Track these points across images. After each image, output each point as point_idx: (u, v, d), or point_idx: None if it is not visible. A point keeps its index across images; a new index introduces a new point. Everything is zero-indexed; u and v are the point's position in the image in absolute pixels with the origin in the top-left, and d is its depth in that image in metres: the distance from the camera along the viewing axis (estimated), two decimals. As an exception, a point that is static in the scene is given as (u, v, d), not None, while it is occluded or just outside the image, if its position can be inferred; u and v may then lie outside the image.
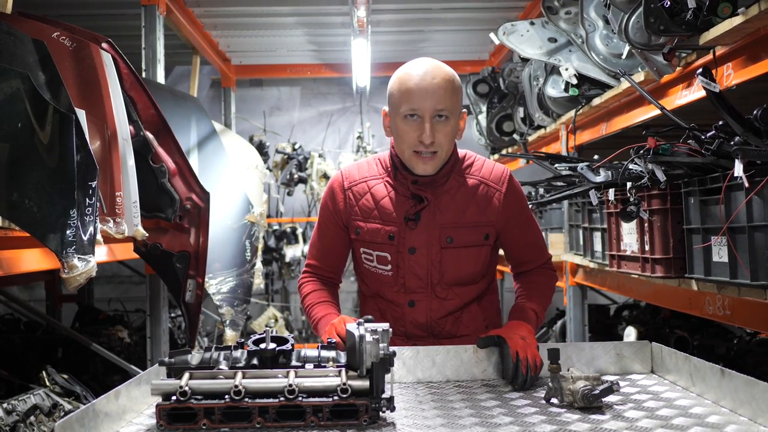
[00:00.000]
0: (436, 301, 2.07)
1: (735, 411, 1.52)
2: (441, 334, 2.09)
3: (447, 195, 2.05)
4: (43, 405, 2.94)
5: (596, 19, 3.15)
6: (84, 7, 5.15)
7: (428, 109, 1.94)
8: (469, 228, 2.04)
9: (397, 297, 2.08)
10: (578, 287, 4.15)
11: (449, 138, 1.99)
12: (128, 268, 6.67)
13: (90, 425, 1.38)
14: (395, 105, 1.99)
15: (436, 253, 2.03)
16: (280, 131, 7.67)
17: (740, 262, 2.01)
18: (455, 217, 2.04)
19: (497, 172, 2.10)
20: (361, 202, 2.09)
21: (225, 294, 3.95)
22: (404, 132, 1.97)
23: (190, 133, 4.16)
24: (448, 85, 1.96)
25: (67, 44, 2.56)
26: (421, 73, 1.96)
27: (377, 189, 2.08)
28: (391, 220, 2.05)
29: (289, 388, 1.46)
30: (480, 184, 2.07)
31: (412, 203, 2.04)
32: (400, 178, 2.06)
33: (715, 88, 1.82)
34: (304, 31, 6.13)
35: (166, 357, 1.57)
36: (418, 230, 2.03)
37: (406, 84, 1.96)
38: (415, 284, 2.05)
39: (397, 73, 2.01)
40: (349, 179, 2.12)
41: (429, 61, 2.00)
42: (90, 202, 2.18)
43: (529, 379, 1.78)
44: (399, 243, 2.04)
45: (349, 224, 2.11)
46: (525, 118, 4.71)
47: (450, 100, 1.96)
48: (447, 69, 2.00)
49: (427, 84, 1.94)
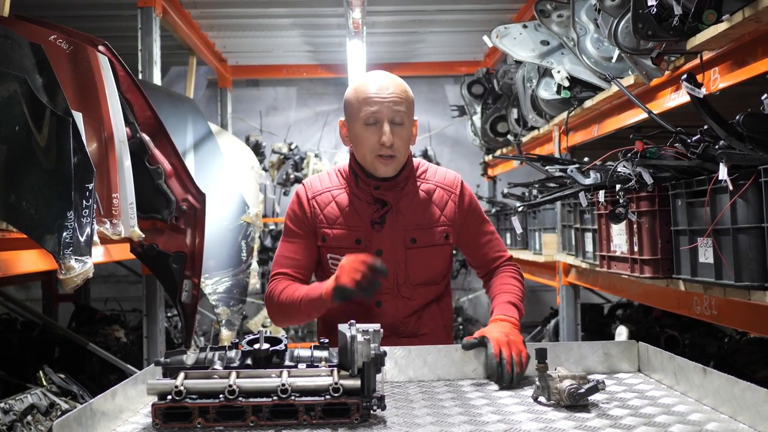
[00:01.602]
0: (402, 301, 2.16)
1: (716, 409, 1.56)
2: (404, 333, 2.18)
3: (407, 198, 2.17)
4: (40, 404, 2.96)
5: (587, 23, 3.18)
6: (80, 9, 5.18)
7: (386, 114, 2.07)
8: (431, 228, 2.17)
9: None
10: (571, 287, 4.19)
11: (405, 142, 2.13)
12: (125, 268, 6.68)
13: (87, 424, 1.41)
14: (354, 113, 2.11)
15: (401, 253, 2.14)
16: (276, 131, 7.70)
17: (725, 263, 2.05)
18: (417, 218, 2.16)
19: (450, 177, 2.25)
20: (326, 210, 2.18)
21: (221, 294, 3.98)
22: (365, 137, 2.10)
23: (186, 135, 4.19)
24: (403, 92, 2.11)
25: (64, 47, 2.59)
26: (378, 82, 2.11)
27: (340, 198, 2.19)
28: (357, 225, 2.15)
29: (282, 387, 1.49)
30: (436, 188, 2.21)
31: (376, 207, 2.15)
32: (362, 185, 2.17)
33: (699, 94, 1.86)
34: (299, 32, 6.16)
35: (161, 357, 1.60)
36: (383, 233, 2.14)
37: (365, 93, 2.10)
38: (383, 285, 2.09)
39: (354, 85, 2.16)
40: (312, 190, 2.21)
41: (384, 73, 2.16)
42: (87, 203, 2.20)
43: (515, 376, 1.81)
44: (366, 246, 2.13)
45: (316, 231, 2.18)
46: (519, 119, 4.75)
47: (404, 107, 2.10)
48: (400, 80, 2.16)
49: (384, 92, 2.09)
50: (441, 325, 2.24)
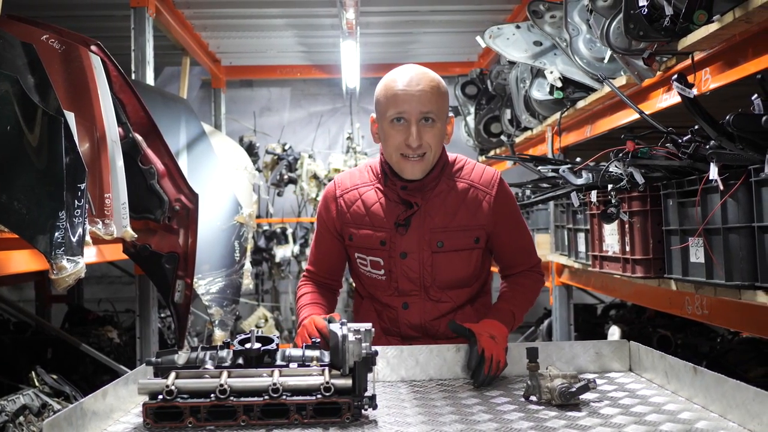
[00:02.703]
0: (430, 303, 2.09)
1: (707, 407, 1.56)
2: (436, 335, 2.11)
3: (437, 199, 2.07)
4: (33, 405, 2.95)
5: (580, 24, 3.19)
6: (73, 9, 5.16)
7: (414, 113, 1.97)
8: (460, 232, 2.06)
9: (391, 300, 2.11)
10: (564, 287, 4.20)
11: (436, 140, 2.02)
12: (118, 269, 6.67)
13: (78, 424, 1.41)
14: (382, 110, 2.02)
15: (427, 257, 2.06)
16: (270, 132, 7.69)
17: (716, 262, 2.06)
18: (445, 221, 2.06)
19: (487, 175, 2.12)
20: (353, 209, 2.12)
21: (214, 294, 3.97)
22: (391, 136, 2.01)
23: (179, 135, 4.18)
24: (434, 89, 1.99)
25: (56, 47, 2.58)
26: (407, 78, 2.00)
27: (368, 196, 2.11)
28: (382, 226, 2.08)
29: (274, 386, 1.49)
30: (470, 187, 2.09)
31: (402, 209, 2.07)
32: (390, 184, 2.09)
33: (689, 94, 1.87)
34: (293, 33, 6.16)
35: (153, 357, 1.60)
36: (408, 235, 2.06)
37: (392, 89, 1.99)
38: (408, 287, 2.08)
39: (384, 80, 2.05)
40: (341, 188, 2.16)
41: (415, 67, 2.04)
42: (79, 203, 2.20)
43: (489, 378, 1.83)
44: (390, 248, 2.07)
45: (343, 231, 2.14)
46: (512, 119, 4.76)
47: (435, 103, 1.99)
48: (432, 74, 2.04)
49: (413, 88, 1.97)
50: None
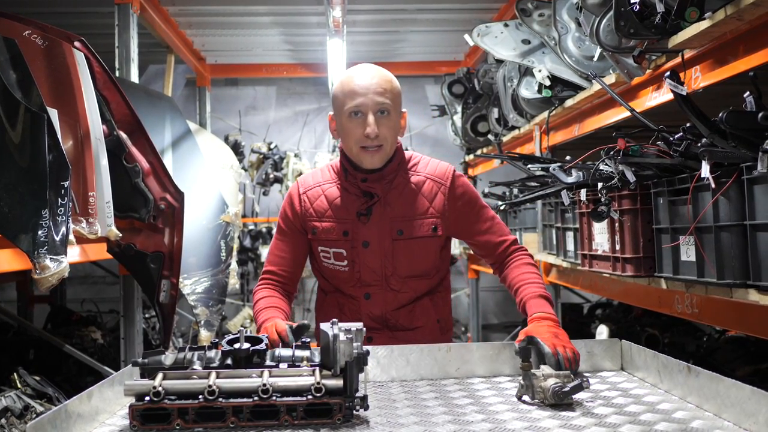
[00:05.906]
0: (391, 293, 2.17)
1: (701, 406, 1.55)
2: (396, 327, 2.19)
3: (395, 191, 2.17)
4: (15, 407, 2.91)
5: (569, 22, 3.18)
6: (56, 5, 5.10)
7: (370, 104, 2.08)
8: (418, 220, 2.16)
9: (354, 291, 2.19)
10: (552, 286, 4.19)
11: (392, 132, 2.13)
12: (102, 269, 6.61)
13: (62, 426, 1.37)
14: (340, 105, 2.13)
15: (388, 245, 2.15)
16: (255, 131, 7.65)
17: (707, 261, 2.05)
18: (404, 210, 2.16)
19: (441, 168, 2.24)
20: (316, 204, 2.21)
21: (200, 294, 3.93)
22: (350, 129, 2.11)
23: (164, 133, 4.14)
24: (387, 83, 2.12)
25: (39, 43, 2.54)
26: (362, 74, 2.13)
27: (330, 191, 2.21)
28: (345, 218, 2.17)
29: (263, 387, 1.46)
30: (426, 179, 2.20)
31: (364, 200, 2.16)
32: (350, 177, 2.18)
33: (682, 91, 1.86)
34: (279, 31, 6.12)
35: (139, 357, 1.57)
36: (370, 225, 2.15)
37: (348, 85, 2.11)
38: (370, 278, 2.16)
39: (340, 78, 2.17)
40: (304, 186, 2.26)
41: (369, 65, 2.17)
42: (62, 202, 2.16)
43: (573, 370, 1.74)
44: (353, 238, 2.16)
45: (306, 226, 2.22)
46: (500, 118, 4.75)
47: (390, 95, 2.10)
48: (386, 71, 2.16)
49: (368, 82, 2.10)
50: (434, 319, 2.22)
